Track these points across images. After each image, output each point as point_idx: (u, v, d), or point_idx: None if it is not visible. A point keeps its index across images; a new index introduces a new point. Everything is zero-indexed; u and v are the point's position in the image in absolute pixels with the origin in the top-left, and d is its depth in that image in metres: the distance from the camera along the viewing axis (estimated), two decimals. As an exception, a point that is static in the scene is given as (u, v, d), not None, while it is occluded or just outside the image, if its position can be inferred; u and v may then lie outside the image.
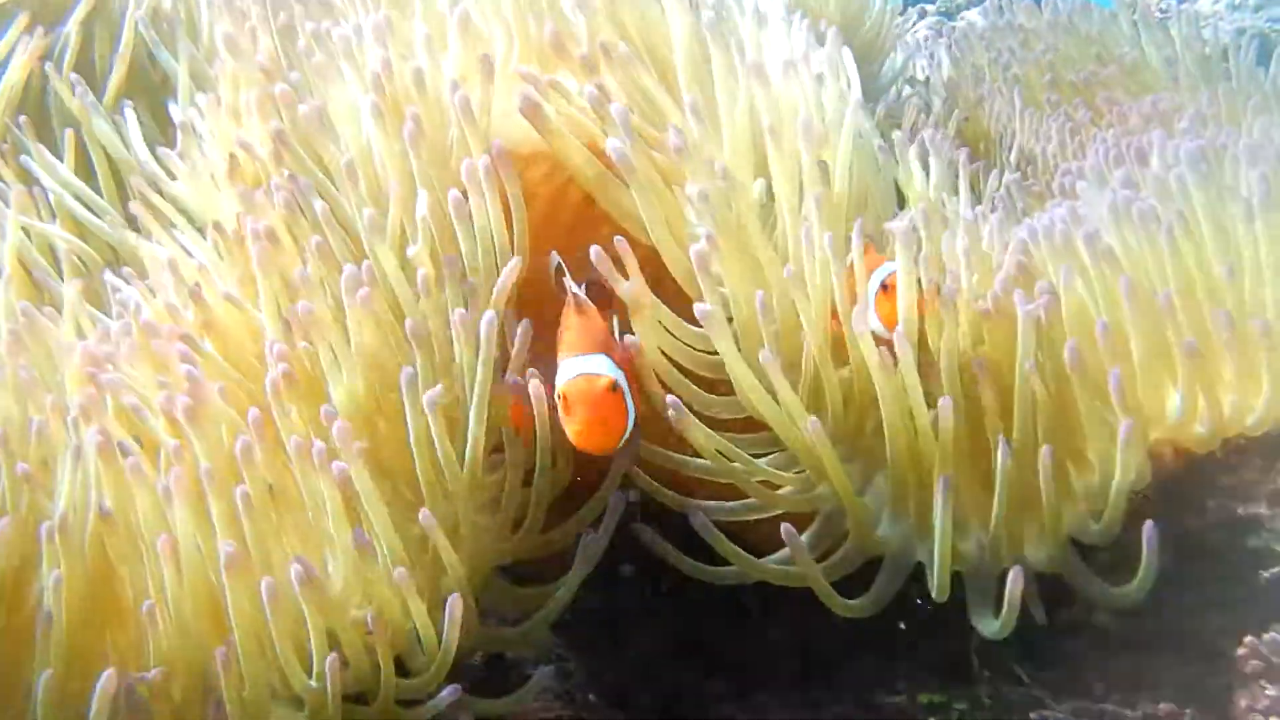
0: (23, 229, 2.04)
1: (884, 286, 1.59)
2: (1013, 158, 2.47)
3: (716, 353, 1.63)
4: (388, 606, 1.50)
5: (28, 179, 2.11)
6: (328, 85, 1.74)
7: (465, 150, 1.68)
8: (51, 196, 2.11)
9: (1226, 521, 1.69)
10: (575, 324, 1.58)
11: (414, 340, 1.56)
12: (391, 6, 1.82)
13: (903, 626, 1.79)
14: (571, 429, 1.50)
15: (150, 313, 1.72)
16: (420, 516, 1.48)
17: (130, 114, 2.16)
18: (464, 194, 1.64)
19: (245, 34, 1.82)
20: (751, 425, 1.67)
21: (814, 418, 1.57)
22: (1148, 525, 1.54)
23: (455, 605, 1.49)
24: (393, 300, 1.61)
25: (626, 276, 1.63)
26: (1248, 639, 1.58)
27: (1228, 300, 1.61)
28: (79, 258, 2.05)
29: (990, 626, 1.61)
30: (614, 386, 1.50)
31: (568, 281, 1.65)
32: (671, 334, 1.67)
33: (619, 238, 1.64)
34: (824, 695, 1.76)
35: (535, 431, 1.61)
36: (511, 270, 1.63)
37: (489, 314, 1.57)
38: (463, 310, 1.59)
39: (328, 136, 1.72)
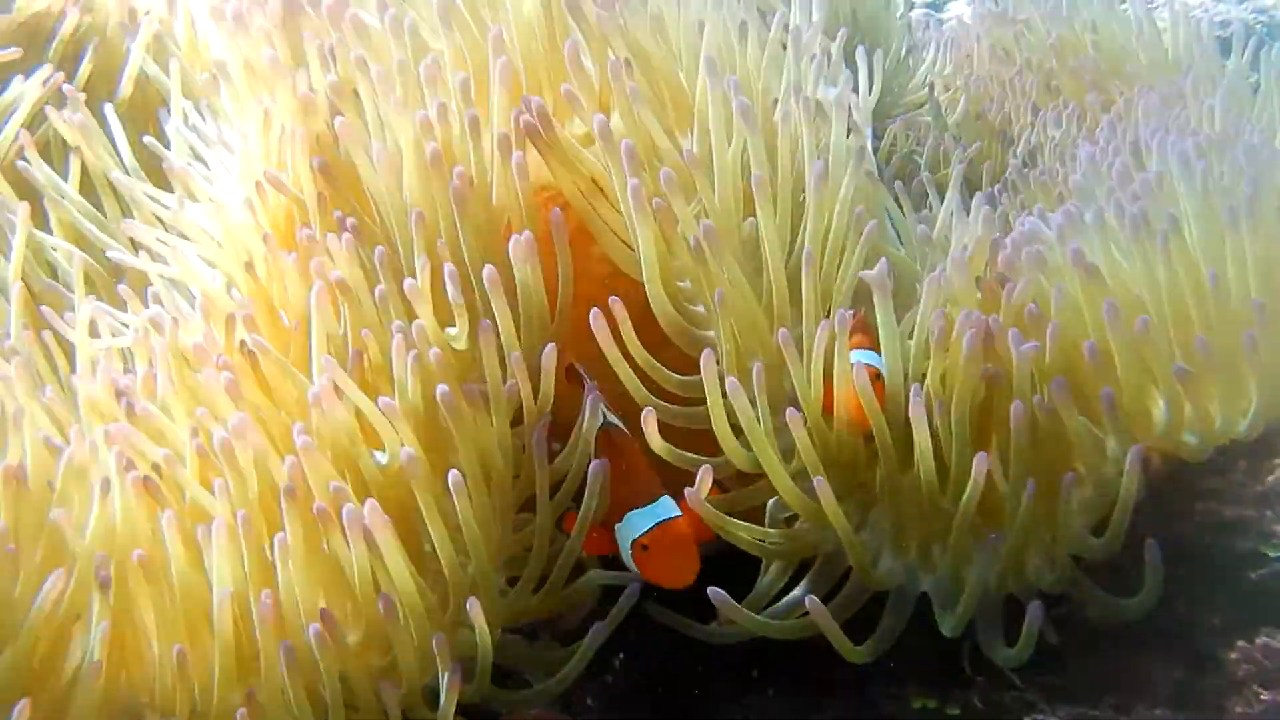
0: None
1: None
2: (1019, 150, 2.46)
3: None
4: (405, 658, 1.54)
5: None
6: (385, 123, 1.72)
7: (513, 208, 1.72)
8: (53, 217, 2.11)
9: (1214, 524, 1.70)
10: (624, 474, 1.64)
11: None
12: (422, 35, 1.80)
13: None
14: (660, 576, 1.58)
15: (190, 340, 1.68)
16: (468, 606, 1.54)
17: (118, 132, 2.14)
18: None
19: (268, 60, 1.79)
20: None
21: (819, 478, 1.59)
22: (1150, 543, 1.57)
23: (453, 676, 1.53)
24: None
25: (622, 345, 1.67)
26: (1240, 644, 1.60)
27: (1215, 307, 1.61)
28: (90, 275, 2.05)
29: (1004, 655, 1.62)
30: (686, 526, 1.59)
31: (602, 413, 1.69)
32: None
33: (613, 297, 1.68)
34: (819, 699, 1.77)
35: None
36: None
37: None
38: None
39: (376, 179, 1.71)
